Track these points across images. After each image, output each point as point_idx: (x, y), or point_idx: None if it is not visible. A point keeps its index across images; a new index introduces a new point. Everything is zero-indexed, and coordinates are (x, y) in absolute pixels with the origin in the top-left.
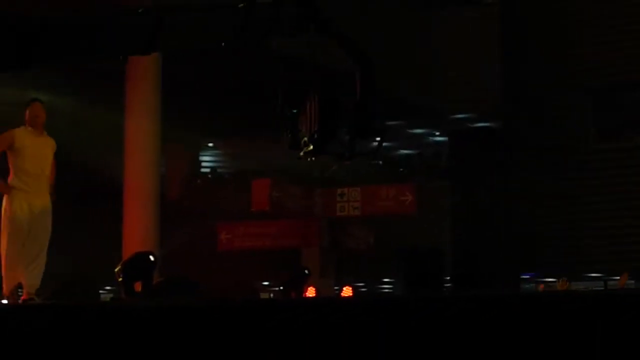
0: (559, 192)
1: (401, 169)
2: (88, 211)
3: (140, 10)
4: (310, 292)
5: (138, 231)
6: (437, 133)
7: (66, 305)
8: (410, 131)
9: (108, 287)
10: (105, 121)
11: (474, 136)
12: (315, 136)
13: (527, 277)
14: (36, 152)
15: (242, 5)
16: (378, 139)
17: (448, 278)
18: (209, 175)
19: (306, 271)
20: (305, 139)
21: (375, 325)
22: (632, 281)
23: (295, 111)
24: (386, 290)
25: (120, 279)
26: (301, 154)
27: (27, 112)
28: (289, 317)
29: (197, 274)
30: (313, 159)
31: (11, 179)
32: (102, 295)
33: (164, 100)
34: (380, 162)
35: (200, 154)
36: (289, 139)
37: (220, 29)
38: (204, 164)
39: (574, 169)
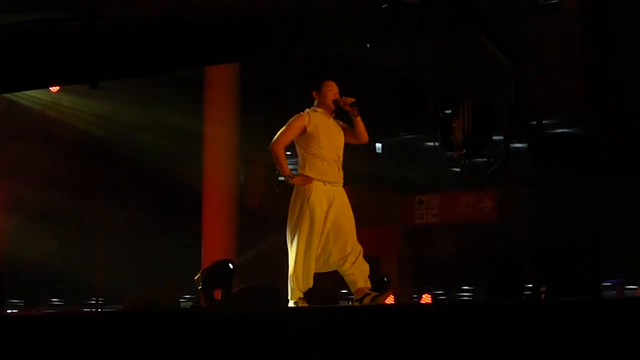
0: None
1: (481, 176)
2: (168, 220)
3: (278, 14)
4: (389, 299)
5: (217, 239)
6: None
7: (147, 312)
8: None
9: (188, 296)
10: (184, 130)
11: (555, 142)
12: (470, 139)
13: (611, 283)
14: (330, 135)
15: (385, 5)
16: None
17: (529, 286)
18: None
19: (385, 279)
20: (460, 142)
21: (452, 332)
22: None
23: (448, 112)
24: (466, 298)
25: (200, 287)
26: (455, 156)
27: (314, 92)
28: (366, 323)
29: (277, 281)
30: (467, 161)
31: (304, 168)
32: (182, 303)
33: (242, 108)
34: (459, 169)
35: None
36: (441, 141)
37: (364, 30)
38: None
39: None
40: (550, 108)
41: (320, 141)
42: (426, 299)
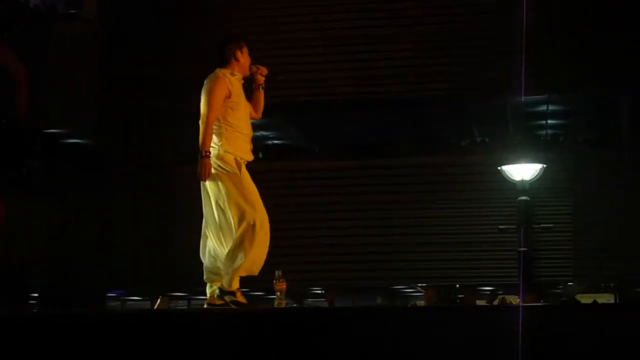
0: (150, 211)
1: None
2: None
3: None
4: None
5: None
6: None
7: None
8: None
9: None
10: None
11: (67, 153)
12: None
13: (114, 295)
14: (245, 105)
15: None
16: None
17: (36, 295)
18: None
19: None
20: None
21: None
22: None
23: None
24: None
25: None
26: None
27: (238, 52)
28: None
29: None
30: None
31: (221, 143)
32: None
33: None
34: None
35: None
36: None
37: None
38: None
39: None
40: (67, 118)
41: (241, 111)
42: None
